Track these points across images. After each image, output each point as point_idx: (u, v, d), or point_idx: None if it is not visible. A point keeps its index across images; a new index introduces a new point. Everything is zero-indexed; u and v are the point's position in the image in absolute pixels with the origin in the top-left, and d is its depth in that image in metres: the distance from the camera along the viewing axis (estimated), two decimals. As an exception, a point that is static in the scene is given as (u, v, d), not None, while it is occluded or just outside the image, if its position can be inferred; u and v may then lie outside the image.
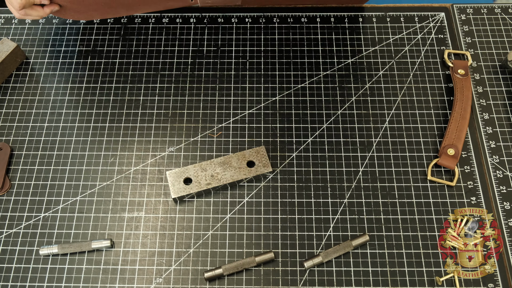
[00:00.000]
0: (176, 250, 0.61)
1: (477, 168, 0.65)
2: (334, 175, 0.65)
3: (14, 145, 0.68)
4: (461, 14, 0.77)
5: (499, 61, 0.73)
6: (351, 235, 0.61)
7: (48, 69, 0.74)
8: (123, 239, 0.61)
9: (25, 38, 0.77)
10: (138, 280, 0.59)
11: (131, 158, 0.67)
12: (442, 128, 0.68)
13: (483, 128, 0.68)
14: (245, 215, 0.63)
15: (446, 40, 0.75)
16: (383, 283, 0.58)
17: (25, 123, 0.70)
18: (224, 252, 0.61)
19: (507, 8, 0.78)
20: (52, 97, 0.71)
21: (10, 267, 0.60)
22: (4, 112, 0.70)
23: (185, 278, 0.59)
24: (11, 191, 0.65)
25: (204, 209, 0.63)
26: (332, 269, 0.59)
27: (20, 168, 0.66)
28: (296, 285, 0.59)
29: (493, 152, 0.66)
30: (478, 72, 0.73)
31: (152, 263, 0.60)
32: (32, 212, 0.63)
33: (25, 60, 0.75)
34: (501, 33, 0.76)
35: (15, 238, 0.62)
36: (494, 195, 0.63)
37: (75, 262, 0.60)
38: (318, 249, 0.60)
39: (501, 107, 0.70)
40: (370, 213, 0.62)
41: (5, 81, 0.73)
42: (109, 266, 0.60)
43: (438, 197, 0.63)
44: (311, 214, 0.62)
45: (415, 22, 0.77)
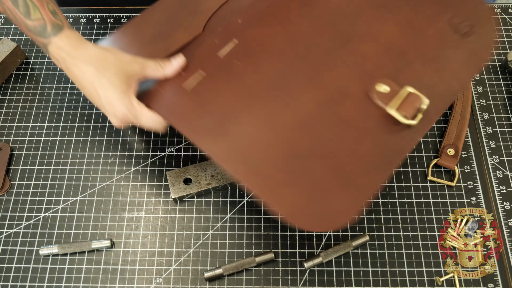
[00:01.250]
0: (176, 250, 0.61)
1: (477, 168, 0.65)
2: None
3: (14, 145, 0.68)
4: (461, 14, 0.77)
5: (499, 61, 0.73)
6: (351, 235, 0.61)
7: (48, 69, 0.74)
8: (123, 239, 0.61)
9: (25, 38, 0.77)
10: (138, 280, 0.59)
11: (131, 158, 0.67)
12: (442, 128, 0.68)
13: (483, 128, 0.68)
14: (245, 215, 0.63)
15: (446, 40, 0.75)
16: (383, 283, 0.58)
17: (25, 123, 0.70)
18: (224, 252, 0.61)
19: (507, 8, 0.78)
20: (52, 97, 0.71)
21: (10, 267, 0.60)
22: (4, 112, 0.70)
23: (185, 278, 0.59)
24: (11, 191, 0.65)
25: (204, 209, 0.63)
26: (332, 269, 0.59)
27: (20, 168, 0.66)
28: (296, 285, 0.59)
29: (493, 152, 0.66)
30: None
31: (152, 263, 0.60)
32: (32, 212, 0.63)
33: (25, 60, 0.75)
34: (501, 33, 0.75)
35: (15, 238, 0.62)
36: (494, 195, 0.63)
37: (75, 262, 0.60)
38: (318, 249, 0.60)
39: (501, 107, 0.70)
40: (370, 213, 0.62)
41: (5, 81, 0.73)
42: (109, 266, 0.60)
43: (438, 197, 0.63)
44: (311, 214, 0.62)
45: (415, 22, 0.77)
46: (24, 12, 0.48)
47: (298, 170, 0.49)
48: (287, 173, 0.48)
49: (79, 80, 0.51)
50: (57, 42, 0.49)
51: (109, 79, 0.49)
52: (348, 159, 0.50)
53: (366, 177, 0.49)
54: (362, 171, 0.50)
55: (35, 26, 0.49)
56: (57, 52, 0.50)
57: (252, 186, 0.48)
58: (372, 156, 0.50)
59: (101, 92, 0.49)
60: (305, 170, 0.49)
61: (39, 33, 0.49)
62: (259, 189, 0.48)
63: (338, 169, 0.49)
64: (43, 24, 0.49)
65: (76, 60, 0.49)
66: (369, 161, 0.50)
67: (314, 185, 0.48)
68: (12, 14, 0.49)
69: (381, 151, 0.51)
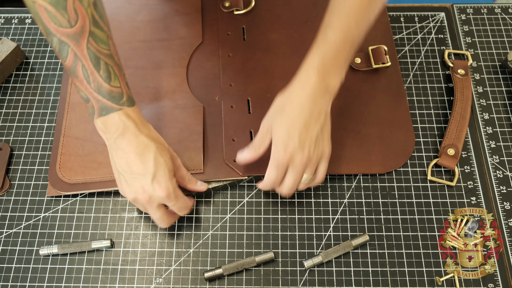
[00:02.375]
0: (176, 250, 0.61)
1: (477, 168, 0.65)
2: (334, 175, 0.65)
3: (14, 145, 0.68)
4: (461, 14, 0.77)
5: (499, 61, 0.73)
6: (351, 235, 0.61)
7: (48, 69, 0.74)
8: (123, 239, 0.61)
9: (25, 38, 0.77)
10: (138, 280, 0.59)
11: (131, 158, 0.67)
12: (442, 128, 0.68)
13: (483, 128, 0.68)
14: (245, 215, 0.63)
15: (446, 40, 0.75)
16: (383, 283, 0.58)
17: (25, 123, 0.70)
18: (224, 252, 0.61)
19: (507, 8, 0.78)
20: (52, 97, 0.71)
21: (10, 267, 0.60)
22: (4, 112, 0.70)
23: (185, 278, 0.59)
24: (11, 191, 0.65)
25: (204, 209, 0.63)
26: (332, 269, 0.59)
27: (20, 168, 0.66)
28: (296, 285, 0.59)
29: (493, 152, 0.66)
30: (478, 72, 0.73)
31: (152, 263, 0.60)
32: (32, 212, 0.63)
33: (25, 60, 0.75)
34: (501, 33, 0.75)
35: (15, 238, 0.62)
36: (494, 195, 0.63)
37: (75, 262, 0.60)
38: (318, 249, 0.60)
39: (501, 107, 0.70)
40: (370, 213, 0.62)
41: (5, 81, 0.73)
42: (109, 266, 0.60)
43: (438, 197, 0.63)
44: (311, 214, 0.62)
45: (415, 22, 0.77)
46: (105, 77, 0.52)
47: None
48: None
49: (130, 152, 0.53)
50: (129, 112, 0.53)
51: (165, 160, 0.54)
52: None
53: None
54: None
55: (111, 92, 0.52)
56: (123, 119, 0.53)
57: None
58: None
59: (155, 169, 0.53)
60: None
61: (112, 99, 0.52)
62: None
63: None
64: (121, 93, 0.53)
65: (141, 133, 0.53)
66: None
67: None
68: (85, 75, 0.51)
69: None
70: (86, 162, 0.63)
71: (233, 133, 0.65)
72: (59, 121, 0.67)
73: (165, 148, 0.56)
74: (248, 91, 0.68)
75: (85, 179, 0.62)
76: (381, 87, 0.70)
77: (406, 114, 0.68)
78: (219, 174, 0.62)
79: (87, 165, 0.62)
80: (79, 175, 0.63)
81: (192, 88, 0.69)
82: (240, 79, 0.69)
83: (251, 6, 0.75)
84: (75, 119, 0.67)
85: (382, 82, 0.70)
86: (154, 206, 0.55)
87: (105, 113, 0.53)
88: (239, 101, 0.67)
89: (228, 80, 0.69)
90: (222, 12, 0.75)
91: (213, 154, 0.64)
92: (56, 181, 0.63)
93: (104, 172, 0.62)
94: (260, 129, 0.57)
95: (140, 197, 0.54)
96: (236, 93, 0.68)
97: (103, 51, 0.52)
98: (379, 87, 0.69)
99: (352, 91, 0.69)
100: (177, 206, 0.56)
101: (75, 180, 0.62)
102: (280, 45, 0.72)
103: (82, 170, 0.63)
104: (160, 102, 0.67)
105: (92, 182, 0.62)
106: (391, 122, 0.67)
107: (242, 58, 0.71)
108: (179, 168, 0.58)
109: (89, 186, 0.62)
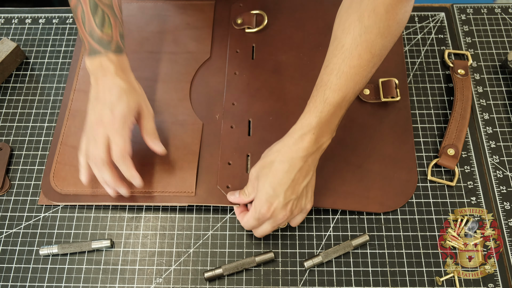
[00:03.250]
0: (176, 250, 0.61)
1: (477, 168, 0.65)
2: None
3: (14, 145, 0.68)
4: (461, 14, 0.77)
5: (499, 61, 0.73)
6: (351, 235, 0.61)
7: (48, 69, 0.74)
8: (123, 239, 0.61)
9: (25, 38, 0.77)
10: (138, 280, 0.59)
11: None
12: (442, 128, 0.68)
13: (483, 128, 0.68)
14: (245, 215, 0.63)
15: (446, 40, 0.75)
16: (383, 283, 0.58)
17: (25, 123, 0.70)
18: (224, 252, 0.61)
19: (507, 8, 0.78)
20: (52, 97, 0.71)
21: (10, 267, 0.60)
22: (4, 112, 0.70)
23: (185, 278, 0.59)
24: (11, 191, 0.65)
25: (204, 209, 0.63)
26: (332, 269, 0.59)
27: (20, 168, 0.66)
28: (296, 285, 0.59)
29: (493, 152, 0.66)
30: (478, 72, 0.73)
31: (152, 263, 0.60)
32: (32, 212, 0.63)
33: (25, 60, 0.75)
34: (501, 33, 0.75)
35: (15, 238, 0.62)
36: (494, 195, 0.63)
37: (75, 262, 0.60)
38: (318, 249, 0.60)
39: (501, 107, 0.70)
40: (370, 213, 0.62)
41: (5, 81, 0.73)
42: (109, 266, 0.60)
43: (438, 197, 0.63)
44: (311, 214, 0.62)
45: (415, 22, 0.77)
46: (99, 23, 0.57)
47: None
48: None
49: (102, 90, 0.57)
50: (113, 57, 0.58)
51: (129, 100, 0.57)
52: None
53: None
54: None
55: (102, 38, 0.57)
56: (106, 63, 0.57)
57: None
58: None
59: (116, 101, 0.56)
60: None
61: (101, 44, 0.57)
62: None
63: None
64: (110, 40, 0.58)
65: (118, 76, 0.57)
66: None
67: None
68: (82, 17, 0.57)
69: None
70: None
71: (230, 156, 0.64)
72: (58, 128, 0.67)
73: (136, 93, 0.58)
74: (251, 112, 0.67)
75: (76, 190, 0.62)
76: (388, 122, 0.67)
77: (411, 152, 0.65)
78: (211, 199, 0.61)
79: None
80: (71, 186, 0.62)
81: (194, 103, 0.68)
82: (243, 98, 0.68)
83: (263, 24, 0.74)
84: (74, 127, 0.66)
85: (390, 116, 0.67)
86: (104, 146, 0.55)
87: (93, 54, 0.58)
88: (239, 122, 0.66)
89: (231, 98, 0.68)
90: (233, 29, 0.74)
91: (207, 177, 0.63)
92: (48, 190, 0.63)
93: (95, 186, 0.62)
94: (249, 177, 0.57)
95: (95, 127, 0.56)
96: (237, 113, 0.67)
97: (104, 0, 0.58)
98: (386, 122, 0.67)
99: (357, 123, 0.66)
100: (119, 151, 0.55)
101: (66, 191, 0.62)
102: (289, 67, 0.70)
103: (74, 182, 0.62)
104: (160, 116, 0.66)
105: (83, 195, 0.62)
106: (394, 160, 0.64)
107: (248, 77, 0.70)
108: (144, 117, 0.59)
109: (79, 198, 0.62)
